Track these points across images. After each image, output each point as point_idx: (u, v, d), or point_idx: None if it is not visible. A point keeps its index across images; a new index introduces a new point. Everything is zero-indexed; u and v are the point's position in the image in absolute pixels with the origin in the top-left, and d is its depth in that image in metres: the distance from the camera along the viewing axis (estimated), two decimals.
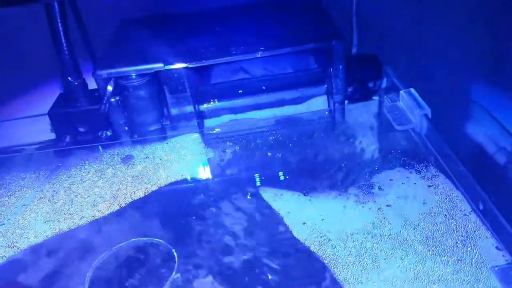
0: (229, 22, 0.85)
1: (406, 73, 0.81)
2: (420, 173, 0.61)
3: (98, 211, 0.63)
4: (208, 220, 0.59)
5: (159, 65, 0.72)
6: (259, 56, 0.74)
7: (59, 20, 0.74)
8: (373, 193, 0.59)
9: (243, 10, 0.89)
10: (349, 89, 0.82)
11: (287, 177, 0.65)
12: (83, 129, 0.81)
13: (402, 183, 0.60)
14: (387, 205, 0.57)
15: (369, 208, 0.56)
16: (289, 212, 0.58)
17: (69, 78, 0.79)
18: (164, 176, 0.68)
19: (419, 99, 0.72)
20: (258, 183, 0.65)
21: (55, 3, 0.72)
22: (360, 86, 0.84)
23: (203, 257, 0.54)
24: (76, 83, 0.80)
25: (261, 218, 0.58)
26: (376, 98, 0.84)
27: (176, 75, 0.74)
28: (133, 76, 0.73)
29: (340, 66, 0.76)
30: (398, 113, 0.74)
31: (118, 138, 0.78)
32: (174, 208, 0.62)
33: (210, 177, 0.69)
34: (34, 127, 0.85)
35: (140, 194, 0.65)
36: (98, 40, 0.85)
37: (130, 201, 0.64)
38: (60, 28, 0.75)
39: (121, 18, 0.91)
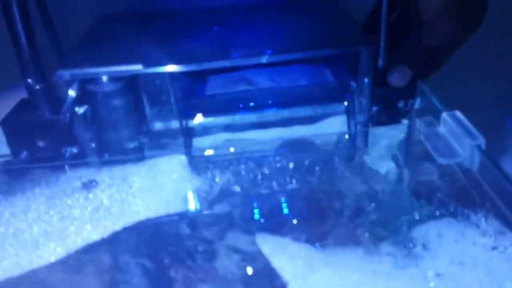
0: (231, 22, 0.70)
1: (447, 92, 0.65)
2: (478, 228, 0.44)
3: (38, 257, 0.47)
4: (182, 275, 0.43)
5: (136, 67, 0.57)
6: (265, 61, 0.58)
7: (15, 9, 0.58)
8: (415, 253, 0.42)
9: (249, 10, 0.74)
10: (374, 109, 0.66)
11: (295, 221, 0.49)
12: (43, 143, 0.65)
13: (455, 242, 0.43)
14: (437, 274, 0.40)
15: (411, 276, 0.40)
16: (295, 276, 0.42)
17: (29, 81, 0.64)
18: (132, 212, 0.51)
19: (468, 124, 0.55)
20: (255, 227, 0.48)
21: None
22: (387, 106, 0.67)
23: None
24: (37, 87, 0.64)
25: (255, 285, 0.41)
26: (406, 121, 0.68)
27: (158, 81, 0.59)
28: (105, 80, 0.58)
29: (366, 79, 0.61)
30: (439, 142, 0.57)
31: (82, 157, 0.62)
32: (139, 257, 0.46)
33: (192, 215, 0.52)
34: None
35: (96, 235, 0.49)
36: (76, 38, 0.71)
37: (82, 245, 0.48)
38: (17, 18, 0.59)
39: (105, 12, 0.76)
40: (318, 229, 0.48)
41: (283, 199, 0.54)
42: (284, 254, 0.44)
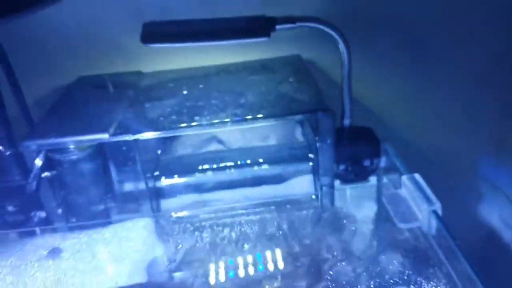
0: (201, 85, 0.72)
1: (407, 152, 0.66)
2: None
3: None
4: None
5: (103, 136, 0.58)
6: (229, 128, 0.60)
7: None
8: None
9: (219, 73, 0.76)
10: (341, 167, 0.68)
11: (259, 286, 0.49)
12: (13, 208, 0.66)
13: None
14: None
15: None
16: None
17: (0, 147, 0.65)
18: (93, 283, 0.51)
19: (426, 189, 0.57)
20: None
21: None
22: (354, 165, 0.69)
23: None
24: (7, 153, 0.65)
25: None
26: (373, 178, 0.69)
27: (124, 147, 0.60)
28: (71, 148, 0.59)
29: (328, 141, 0.62)
30: (400, 205, 0.58)
31: (50, 223, 0.63)
32: None
33: (153, 285, 0.52)
34: None
35: None
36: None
37: None
38: None
39: (78, 76, 0.78)
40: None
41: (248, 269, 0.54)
42: None
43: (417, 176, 0.60)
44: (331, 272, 0.50)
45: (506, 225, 0.77)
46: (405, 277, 0.47)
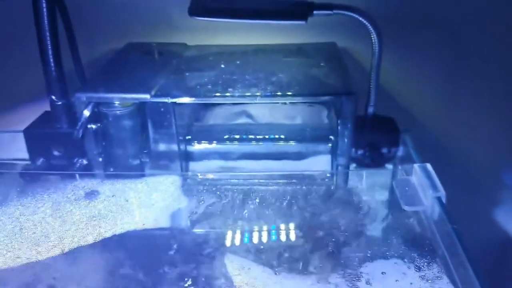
0: (238, 61, 0.77)
1: (426, 146, 0.70)
2: (420, 271, 0.49)
3: (37, 253, 0.54)
4: (148, 285, 0.49)
5: (144, 96, 0.64)
6: (257, 102, 0.65)
7: (47, 32, 0.67)
8: (358, 286, 0.48)
9: (257, 52, 0.81)
10: (359, 152, 0.72)
11: (262, 247, 0.55)
12: (58, 153, 0.74)
13: (396, 281, 0.48)
14: None
15: None
16: None
17: (53, 97, 0.72)
18: (123, 222, 0.58)
19: (435, 177, 0.61)
20: (225, 249, 0.55)
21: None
22: (372, 151, 0.73)
23: None
24: (59, 103, 0.73)
25: None
26: (390, 167, 0.73)
27: (162, 109, 0.66)
28: (116, 104, 0.66)
29: (348, 125, 0.67)
30: (408, 190, 0.62)
31: (90, 170, 0.70)
32: (119, 263, 0.52)
33: (171, 232, 0.59)
34: (15, 143, 0.79)
35: (90, 239, 0.56)
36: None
37: (76, 246, 0.55)
38: (48, 42, 0.68)
39: (129, 42, 0.85)
40: (282, 256, 0.53)
41: (256, 228, 0.59)
42: (246, 275, 0.50)
43: (428, 165, 0.64)
44: (333, 240, 0.55)
45: None
46: (401, 251, 0.52)
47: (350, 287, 0.47)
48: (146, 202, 0.62)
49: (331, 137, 0.71)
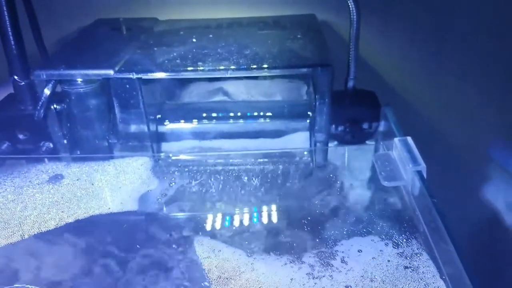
0: (211, 35, 0.73)
1: (407, 119, 0.67)
2: (398, 248, 0.47)
3: None
4: (112, 271, 0.46)
5: (107, 72, 0.61)
6: (228, 75, 0.62)
7: (4, 7, 0.63)
8: (332, 265, 0.45)
9: (231, 26, 0.77)
10: (339, 128, 0.69)
11: (234, 228, 0.52)
12: (24, 136, 0.70)
13: (373, 258, 0.45)
14: (346, 286, 0.42)
15: (322, 287, 0.42)
16: (220, 277, 0.45)
17: (15, 77, 0.68)
18: (87, 207, 0.55)
19: (415, 151, 0.58)
20: (195, 232, 0.52)
21: None
22: (352, 127, 0.70)
23: None
24: (22, 83, 0.68)
25: (181, 281, 0.44)
26: (371, 143, 0.70)
27: (128, 86, 0.62)
28: (79, 82, 0.62)
29: (326, 99, 0.63)
30: (388, 165, 0.60)
31: (56, 153, 0.66)
32: (81, 248, 0.49)
33: (139, 215, 0.56)
34: None
35: (51, 225, 0.52)
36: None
37: (36, 232, 0.52)
38: (6, 19, 0.64)
39: (97, 18, 0.81)
40: (255, 236, 0.50)
41: (228, 209, 0.56)
42: (216, 258, 0.47)
43: (408, 139, 0.61)
44: (309, 218, 0.52)
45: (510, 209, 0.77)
46: (378, 228, 0.49)
47: (324, 266, 0.45)
48: (113, 185, 0.59)
49: (309, 113, 0.68)
